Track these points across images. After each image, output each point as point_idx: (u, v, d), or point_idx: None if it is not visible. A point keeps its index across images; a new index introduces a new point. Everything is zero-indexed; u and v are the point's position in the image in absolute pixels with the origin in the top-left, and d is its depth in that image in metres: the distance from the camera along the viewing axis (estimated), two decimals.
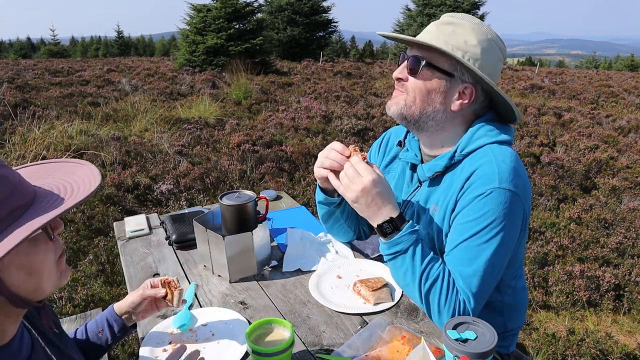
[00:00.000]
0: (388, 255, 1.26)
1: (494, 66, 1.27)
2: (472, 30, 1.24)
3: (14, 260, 0.69)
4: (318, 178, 1.41)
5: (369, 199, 1.22)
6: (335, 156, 1.30)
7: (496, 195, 1.18)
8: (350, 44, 45.19)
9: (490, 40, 1.26)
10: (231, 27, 16.33)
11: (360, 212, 1.27)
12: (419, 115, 1.29)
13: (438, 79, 1.26)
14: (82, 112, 7.78)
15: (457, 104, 1.27)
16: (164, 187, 4.36)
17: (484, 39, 1.24)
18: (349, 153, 1.30)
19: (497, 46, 1.27)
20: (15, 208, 0.67)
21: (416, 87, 1.27)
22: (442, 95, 1.27)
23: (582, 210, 4.13)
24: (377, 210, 1.23)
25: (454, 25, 1.25)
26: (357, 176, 1.23)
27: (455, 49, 1.22)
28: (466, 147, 1.28)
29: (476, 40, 1.23)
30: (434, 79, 1.26)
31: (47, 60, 23.30)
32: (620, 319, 2.90)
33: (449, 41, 1.23)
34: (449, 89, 1.26)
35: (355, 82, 13.01)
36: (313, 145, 5.82)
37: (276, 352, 1.03)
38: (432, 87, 1.26)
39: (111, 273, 3.12)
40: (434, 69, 1.25)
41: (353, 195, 1.23)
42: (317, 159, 1.36)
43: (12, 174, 0.69)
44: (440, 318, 1.19)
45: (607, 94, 11.98)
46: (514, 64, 38.87)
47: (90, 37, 56.40)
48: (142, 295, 1.16)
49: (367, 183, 1.21)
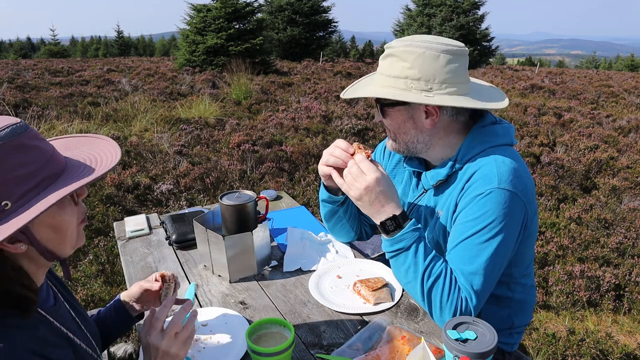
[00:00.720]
0: (390, 252, 1.26)
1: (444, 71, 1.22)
2: (403, 52, 1.23)
3: (44, 219, 0.79)
4: (322, 175, 1.42)
5: (372, 197, 1.23)
6: (340, 153, 1.31)
7: (495, 195, 1.19)
8: (350, 44, 45.21)
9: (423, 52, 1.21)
10: (231, 27, 16.32)
11: (364, 210, 1.28)
12: (406, 146, 1.36)
13: (399, 112, 1.30)
14: (82, 112, 7.78)
15: (428, 122, 1.29)
16: (164, 187, 4.36)
17: (416, 57, 1.21)
18: (353, 150, 1.31)
19: (433, 52, 1.21)
20: (49, 175, 0.78)
21: (390, 126, 1.35)
22: (410, 122, 1.31)
23: (582, 210, 4.13)
24: (380, 208, 1.24)
25: (390, 57, 1.27)
26: (361, 174, 1.24)
27: (397, 79, 1.24)
28: (465, 156, 1.29)
29: (410, 61, 1.22)
30: (396, 112, 1.31)
31: (47, 60, 23.29)
32: (621, 319, 2.90)
33: (390, 74, 1.26)
34: (413, 114, 1.30)
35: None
36: (313, 145, 5.82)
37: (276, 352, 1.03)
38: (400, 120, 1.32)
39: (111, 273, 3.12)
40: (392, 105, 1.29)
41: (357, 194, 1.25)
42: (322, 156, 1.37)
43: (46, 145, 0.81)
44: (442, 316, 1.20)
45: (607, 94, 11.98)
46: (514, 64, 38.87)
47: (90, 37, 56.45)
48: (141, 286, 1.20)
49: (370, 181, 1.22)
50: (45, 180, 0.77)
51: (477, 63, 24.16)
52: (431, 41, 1.22)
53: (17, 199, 0.73)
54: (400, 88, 1.24)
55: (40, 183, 0.76)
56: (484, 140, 1.29)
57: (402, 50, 1.23)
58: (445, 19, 24.38)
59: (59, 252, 0.85)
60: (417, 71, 1.22)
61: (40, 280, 0.88)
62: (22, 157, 0.75)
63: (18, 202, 0.73)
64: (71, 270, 3.14)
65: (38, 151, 0.78)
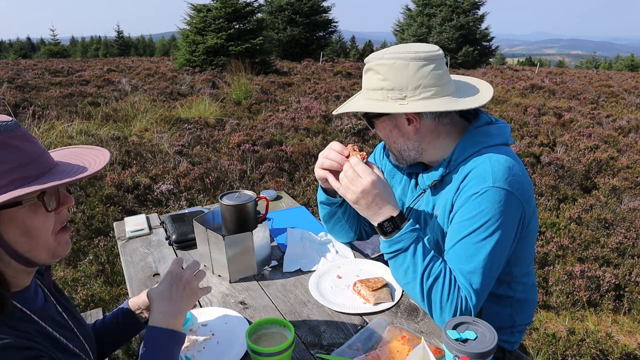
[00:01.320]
0: (389, 253, 1.26)
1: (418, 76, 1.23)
2: (377, 65, 1.27)
3: (13, 218, 0.79)
4: (319, 179, 1.42)
5: (369, 199, 1.23)
6: (335, 156, 1.32)
7: (491, 194, 1.19)
8: (350, 44, 45.21)
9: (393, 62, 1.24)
10: (231, 27, 16.31)
11: (361, 213, 1.28)
12: (400, 154, 1.39)
13: (384, 122, 1.35)
14: (82, 112, 7.78)
15: (411, 128, 1.31)
16: (164, 187, 4.36)
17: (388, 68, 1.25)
18: (348, 153, 1.31)
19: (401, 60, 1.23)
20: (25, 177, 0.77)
21: (382, 137, 1.40)
22: (395, 130, 1.34)
23: (582, 210, 4.13)
24: (377, 210, 1.24)
25: (368, 71, 1.31)
26: (357, 177, 1.24)
27: (375, 91, 1.28)
28: (460, 157, 1.30)
29: (382, 73, 1.26)
30: (382, 123, 1.36)
31: (47, 60, 23.29)
32: (621, 319, 2.90)
33: (369, 87, 1.30)
34: (397, 123, 1.33)
35: (356, 82, 13.00)
36: (313, 145, 5.82)
37: (276, 352, 1.02)
38: (387, 130, 1.36)
39: (111, 273, 3.12)
40: (376, 117, 1.34)
41: (353, 197, 1.25)
42: (318, 159, 1.37)
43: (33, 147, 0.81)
44: (442, 315, 1.20)
45: (607, 94, 11.98)
46: (514, 64, 38.86)
47: (90, 37, 56.44)
48: None
49: (366, 184, 1.22)
50: (21, 180, 0.77)
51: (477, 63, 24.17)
52: (401, 51, 1.25)
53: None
54: (378, 99, 1.29)
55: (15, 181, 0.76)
56: (478, 140, 1.30)
57: (376, 64, 1.28)
58: (445, 19, 24.39)
59: (32, 258, 0.84)
60: (390, 82, 1.26)
61: (24, 282, 0.88)
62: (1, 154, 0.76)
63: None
64: (71, 270, 3.14)
65: (17, 151, 0.78)
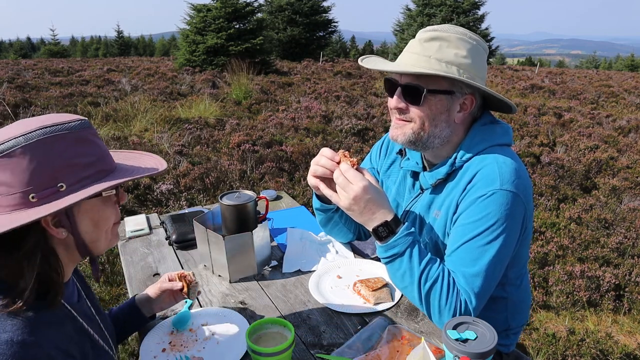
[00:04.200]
0: (385, 258, 1.25)
1: (484, 67, 1.29)
2: (458, 40, 1.24)
3: (89, 210, 0.87)
4: (312, 186, 1.40)
5: (361, 205, 1.21)
6: (325, 162, 1.28)
7: (498, 196, 1.18)
8: (350, 44, 45.23)
9: (476, 45, 1.26)
10: (231, 27, 16.31)
11: (355, 219, 1.26)
12: (427, 137, 1.29)
13: (440, 101, 1.26)
14: (82, 112, 7.78)
15: (460, 116, 1.29)
16: (164, 187, 4.36)
17: (471, 47, 1.25)
18: (339, 159, 1.28)
19: (481, 48, 1.28)
20: (104, 169, 0.87)
21: (422, 114, 1.26)
22: (446, 113, 1.27)
23: (582, 210, 4.13)
24: (371, 215, 1.22)
25: (439, 40, 1.24)
26: (348, 184, 1.22)
27: (449, 65, 1.22)
28: (466, 154, 1.29)
29: (465, 51, 1.24)
30: (438, 102, 1.26)
31: (47, 60, 23.29)
32: (621, 319, 2.90)
33: (440, 59, 1.22)
34: (452, 105, 1.27)
35: (356, 82, 13.00)
36: (313, 145, 5.82)
37: (276, 352, 1.02)
38: (437, 110, 1.26)
39: (111, 273, 3.12)
40: (435, 93, 1.24)
41: (346, 203, 1.23)
42: (310, 167, 1.35)
43: (102, 144, 0.90)
44: (441, 318, 1.19)
45: (607, 94, 11.98)
46: (514, 64, 38.85)
47: (90, 37, 56.44)
48: (160, 288, 1.24)
49: (357, 191, 1.20)
50: (100, 172, 0.86)
51: None
52: (475, 38, 1.27)
53: (72, 183, 0.81)
54: (454, 74, 1.21)
55: (96, 174, 0.85)
56: (484, 138, 1.29)
57: (457, 38, 1.24)
58: (445, 19, 24.36)
59: (93, 248, 0.91)
60: (470, 62, 1.23)
61: (68, 275, 0.93)
62: (84, 148, 0.84)
63: (73, 186, 0.81)
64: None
65: (97, 147, 0.87)
